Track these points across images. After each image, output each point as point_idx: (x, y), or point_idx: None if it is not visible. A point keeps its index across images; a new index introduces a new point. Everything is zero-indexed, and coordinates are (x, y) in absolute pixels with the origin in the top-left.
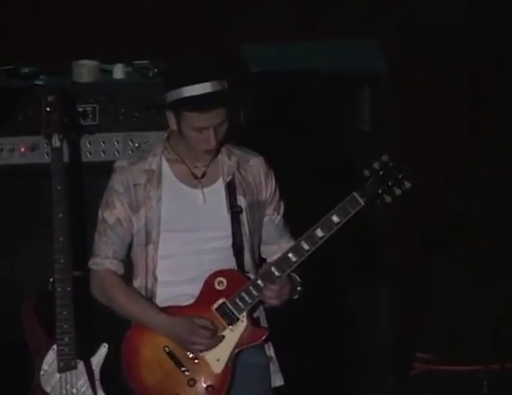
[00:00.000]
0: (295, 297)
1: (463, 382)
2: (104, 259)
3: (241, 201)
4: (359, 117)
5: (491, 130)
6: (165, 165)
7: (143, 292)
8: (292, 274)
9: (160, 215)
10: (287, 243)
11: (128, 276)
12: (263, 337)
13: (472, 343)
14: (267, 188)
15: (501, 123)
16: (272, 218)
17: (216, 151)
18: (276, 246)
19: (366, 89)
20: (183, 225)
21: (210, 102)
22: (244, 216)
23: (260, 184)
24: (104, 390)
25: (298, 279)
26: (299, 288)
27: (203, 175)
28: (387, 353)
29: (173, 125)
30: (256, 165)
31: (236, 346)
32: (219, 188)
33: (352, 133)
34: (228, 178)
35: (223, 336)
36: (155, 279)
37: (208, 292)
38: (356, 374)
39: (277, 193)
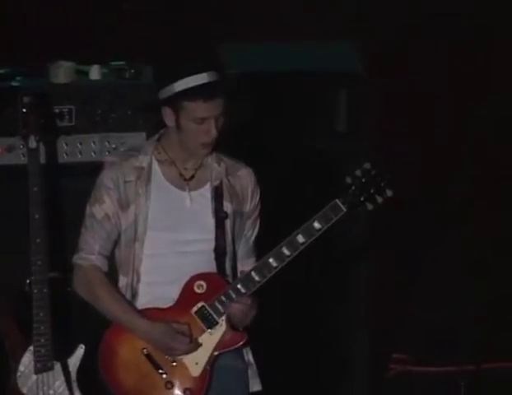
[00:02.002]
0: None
1: (439, 383)
2: (90, 254)
3: (227, 207)
4: (336, 117)
5: (471, 130)
6: (155, 165)
7: (129, 290)
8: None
9: (148, 212)
10: (251, 266)
11: (111, 274)
12: (242, 341)
13: (449, 344)
14: (252, 202)
15: (480, 123)
16: (247, 235)
17: (213, 147)
18: (240, 264)
19: (343, 90)
20: (167, 225)
21: (214, 90)
22: (228, 222)
23: (246, 196)
24: (81, 391)
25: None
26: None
27: (192, 178)
28: (363, 354)
29: (170, 121)
30: (245, 176)
31: (215, 349)
32: (206, 192)
33: (329, 134)
34: (216, 183)
35: (201, 344)
36: (139, 278)
37: (188, 295)
38: (332, 375)
39: (258, 210)
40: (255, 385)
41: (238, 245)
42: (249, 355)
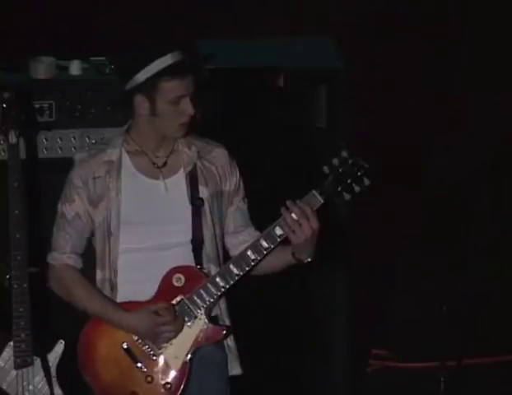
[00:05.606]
0: (306, 260)
1: (419, 378)
2: (62, 254)
3: (203, 191)
4: (316, 113)
5: (449, 127)
6: (125, 157)
7: (107, 285)
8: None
9: (120, 207)
10: (255, 232)
11: (89, 268)
12: (222, 335)
13: (429, 340)
14: (232, 179)
15: (459, 121)
16: (240, 206)
17: (189, 128)
18: (246, 233)
19: (323, 85)
20: (143, 218)
21: (188, 67)
22: (206, 208)
23: (225, 175)
24: (61, 386)
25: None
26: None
27: (164, 165)
28: (343, 350)
29: (144, 109)
30: (219, 156)
31: (194, 343)
32: (180, 178)
33: (309, 130)
34: (189, 168)
35: (180, 338)
36: (116, 273)
37: (166, 289)
38: (312, 371)
39: (241, 183)
40: (235, 369)
41: (219, 227)
42: (228, 340)
